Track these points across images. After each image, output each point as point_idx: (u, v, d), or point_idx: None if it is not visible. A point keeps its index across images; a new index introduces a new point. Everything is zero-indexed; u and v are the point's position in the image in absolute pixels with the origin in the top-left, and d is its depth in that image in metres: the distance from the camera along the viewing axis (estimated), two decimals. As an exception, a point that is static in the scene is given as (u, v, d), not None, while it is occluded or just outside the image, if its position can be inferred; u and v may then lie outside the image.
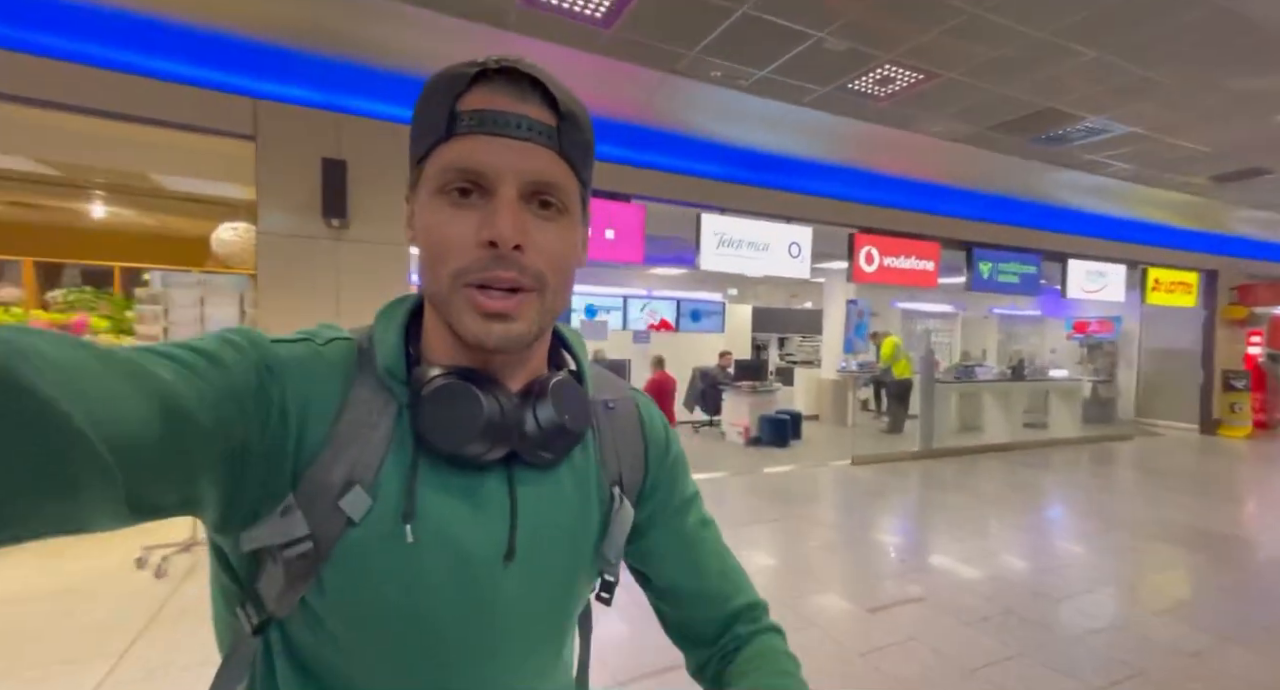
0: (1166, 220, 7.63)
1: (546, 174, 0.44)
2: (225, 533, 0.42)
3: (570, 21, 3.37)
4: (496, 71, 0.43)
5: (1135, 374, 9.79)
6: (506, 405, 0.45)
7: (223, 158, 3.96)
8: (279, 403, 0.42)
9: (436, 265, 0.43)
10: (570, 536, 0.51)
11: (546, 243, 0.44)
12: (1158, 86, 4.07)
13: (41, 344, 0.28)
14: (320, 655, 0.44)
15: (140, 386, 0.32)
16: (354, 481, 0.43)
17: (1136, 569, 3.45)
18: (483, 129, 0.42)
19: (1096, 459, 6.80)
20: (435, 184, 0.43)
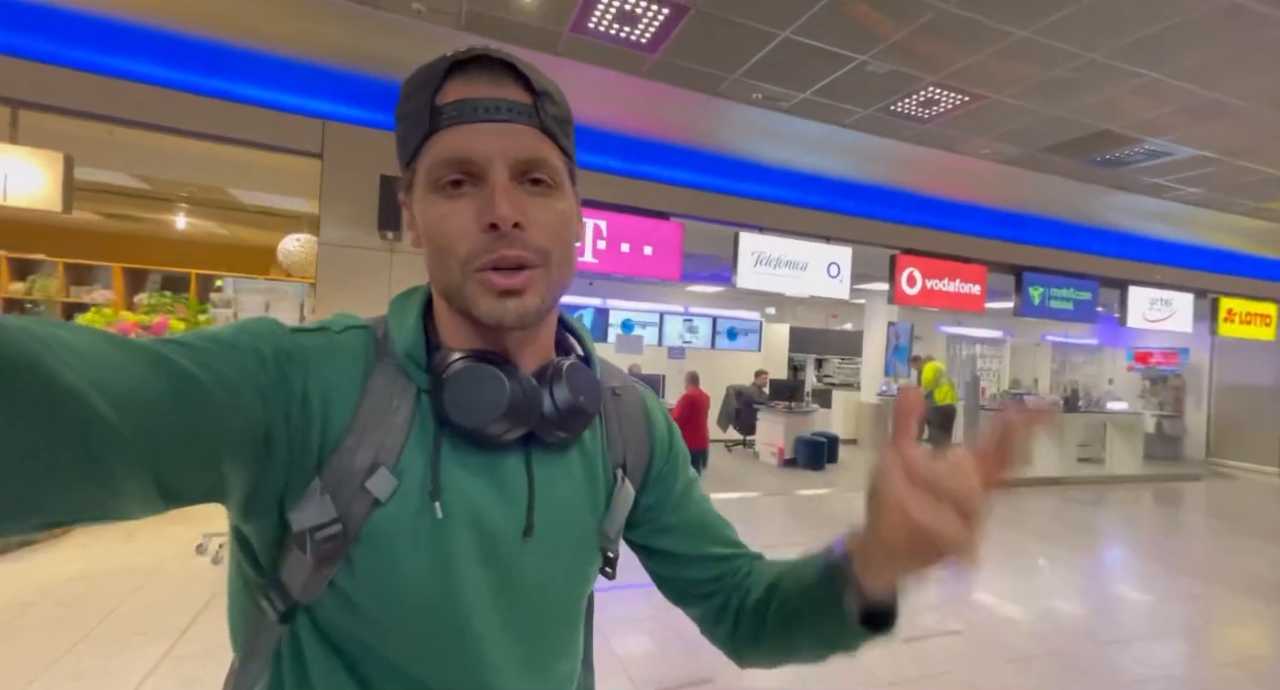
0: (1240, 247, 7.17)
1: (533, 151, 0.45)
2: (249, 519, 0.43)
3: (617, 47, 3.52)
4: (468, 61, 0.44)
5: (1206, 410, 9.13)
6: (526, 385, 0.47)
7: (291, 174, 4.28)
8: (300, 390, 0.42)
9: (444, 257, 0.45)
10: (579, 515, 0.53)
11: (543, 218, 0.46)
12: (1228, 108, 3.89)
13: (63, 334, 0.29)
14: (353, 634, 0.45)
15: (161, 373, 0.33)
16: (379, 464, 0.44)
17: (1201, 618, 3.20)
18: (464, 118, 0.43)
19: (1160, 499, 6.36)
20: (428, 180, 0.45)
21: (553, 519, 0.50)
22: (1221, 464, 8.73)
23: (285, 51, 3.58)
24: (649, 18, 3.19)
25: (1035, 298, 6.27)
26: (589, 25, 3.30)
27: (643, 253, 4.70)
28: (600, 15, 3.20)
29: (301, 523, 0.42)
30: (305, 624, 0.45)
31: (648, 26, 3.28)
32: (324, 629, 0.45)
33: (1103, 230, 6.57)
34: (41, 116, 3.29)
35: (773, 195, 5.21)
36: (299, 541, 0.42)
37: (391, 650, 0.45)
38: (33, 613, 2.54)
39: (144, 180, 4.93)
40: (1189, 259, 7.16)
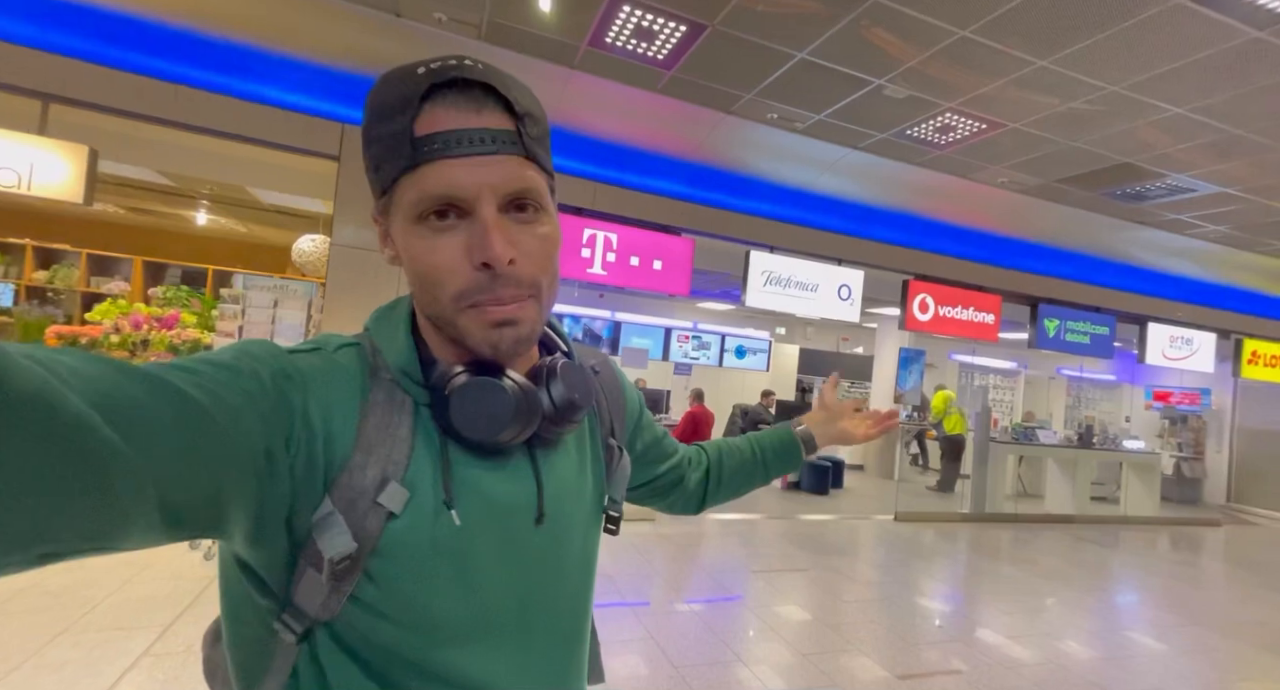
0: (1266, 288, 7.02)
1: (520, 181, 0.45)
2: (257, 546, 0.42)
3: (634, 62, 3.55)
4: (445, 85, 0.42)
5: (1228, 454, 8.85)
6: (527, 391, 0.48)
7: (309, 175, 4.35)
8: (301, 411, 0.42)
9: (434, 289, 0.45)
10: (580, 491, 0.56)
11: (533, 247, 0.46)
12: (1250, 145, 3.83)
13: (67, 359, 0.29)
14: (379, 643, 0.45)
15: (163, 399, 0.33)
16: (388, 478, 0.44)
17: (1217, 671, 3.04)
18: (447, 152, 0.42)
19: (1177, 543, 6.13)
20: (412, 212, 0.44)
21: (560, 502, 0.53)
22: (1243, 510, 8.43)
23: (307, 55, 3.67)
24: (666, 34, 3.23)
25: (1050, 330, 6.16)
26: (606, 40, 3.34)
27: (652, 267, 4.69)
28: (618, 30, 3.24)
29: (330, 550, 0.42)
30: (324, 640, 0.45)
31: (665, 43, 3.31)
32: (346, 642, 0.45)
33: (1122, 264, 6.47)
34: (70, 110, 3.38)
35: (785, 215, 5.20)
36: (313, 563, 0.42)
37: (421, 651, 0.46)
38: (19, 600, 2.52)
39: (166, 176, 5.04)
40: (1212, 298, 7.01)
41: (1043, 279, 6.24)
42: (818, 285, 5.23)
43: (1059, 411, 10.13)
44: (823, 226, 5.34)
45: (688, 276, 4.82)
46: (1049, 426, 8.36)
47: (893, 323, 7.87)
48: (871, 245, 5.52)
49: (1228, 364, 7.18)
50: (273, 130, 3.77)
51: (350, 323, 3.90)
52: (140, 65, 3.46)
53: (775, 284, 5.07)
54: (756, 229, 5.09)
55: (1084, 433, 7.47)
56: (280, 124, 3.78)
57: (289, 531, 0.42)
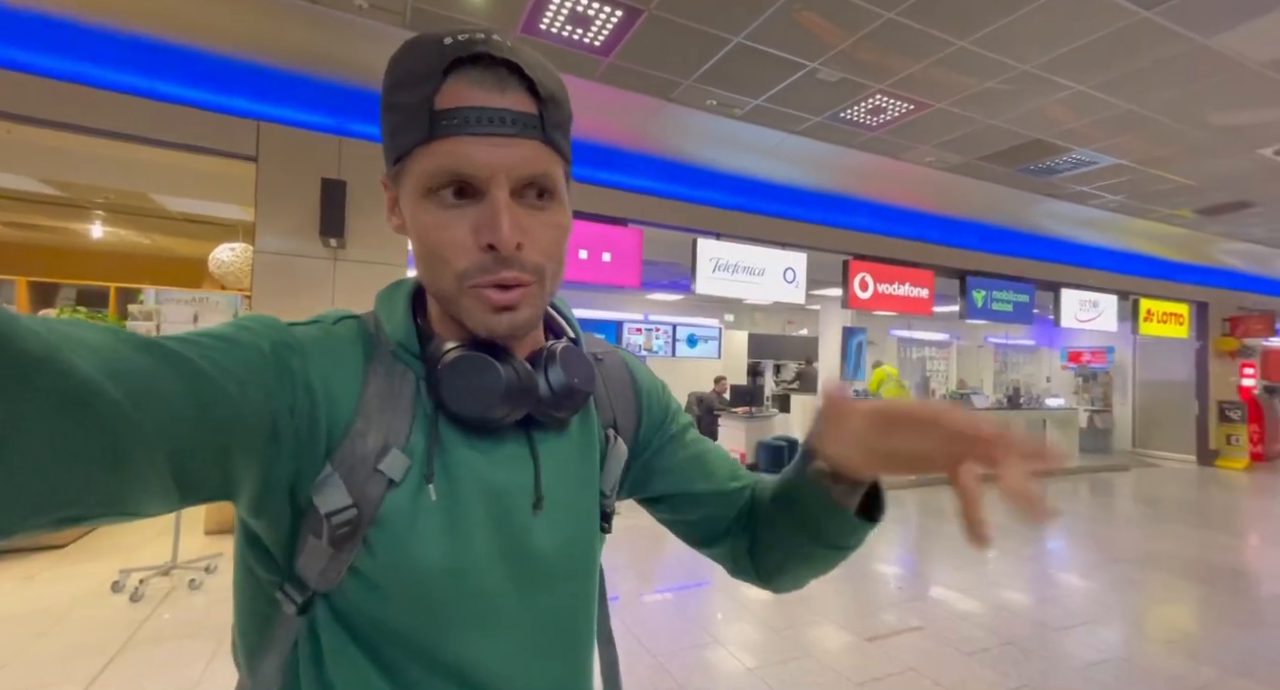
0: (1156, 252, 7.75)
1: (535, 166, 0.44)
2: (262, 514, 0.43)
3: (569, 49, 3.47)
4: (469, 59, 0.41)
5: (1131, 404, 9.78)
6: (521, 371, 0.47)
7: (223, 179, 4.02)
8: (303, 379, 0.43)
9: (438, 265, 0.45)
10: (581, 479, 0.55)
11: (541, 234, 0.45)
12: (1141, 120, 4.19)
13: (75, 330, 0.29)
14: (375, 618, 0.45)
15: (173, 369, 0.34)
16: (389, 445, 0.44)
17: (1139, 600, 3.36)
18: (466, 128, 0.41)
19: (1095, 489, 6.72)
20: (422, 185, 0.43)
21: (559, 490, 0.52)
22: (1146, 454, 9.35)
23: (217, 47, 3.37)
24: (602, 20, 3.17)
25: (979, 301, 6.57)
26: (540, 26, 3.24)
27: (601, 259, 4.65)
28: (552, 16, 3.15)
29: (326, 506, 0.42)
30: (324, 613, 0.45)
31: (601, 28, 3.25)
32: (343, 616, 0.45)
33: (1037, 236, 6.97)
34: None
35: (729, 202, 5.27)
36: (314, 529, 0.43)
37: (415, 630, 0.45)
38: (-91, 671, 2.22)
39: (53, 185, 4.53)
40: (1113, 263, 7.68)
41: (970, 253, 6.64)
42: (764, 270, 5.34)
43: (989, 377, 10.86)
44: (766, 212, 5.45)
45: (637, 267, 4.80)
46: (981, 392, 8.96)
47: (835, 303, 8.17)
48: (813, 228, 5.69)
49: (1128, 323, 7.91)
50: (179, 130, 3.45)
51: (283, 334, 3.65)
52: (17, 61, 3.07)
53: (723, 270, 5.13)
54: (703, 216, 5.14)
55: (1012, 395, 8.05)
56: (188, 123, 3.46)
57: (292, 500, 0.43)
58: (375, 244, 3.94)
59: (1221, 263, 8.39)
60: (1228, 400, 8.61)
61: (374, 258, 3.94)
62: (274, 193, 3.68)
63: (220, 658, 2.36)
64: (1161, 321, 8.07)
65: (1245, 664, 2.58)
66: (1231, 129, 4.30)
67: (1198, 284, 8.52)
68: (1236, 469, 8.26)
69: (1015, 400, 7.88)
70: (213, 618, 2.71)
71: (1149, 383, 9.64)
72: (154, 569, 3.08)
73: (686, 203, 5.06)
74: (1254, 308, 9.04)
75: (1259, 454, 8.73)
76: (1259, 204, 5.98)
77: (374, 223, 3.93)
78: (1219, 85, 3.67)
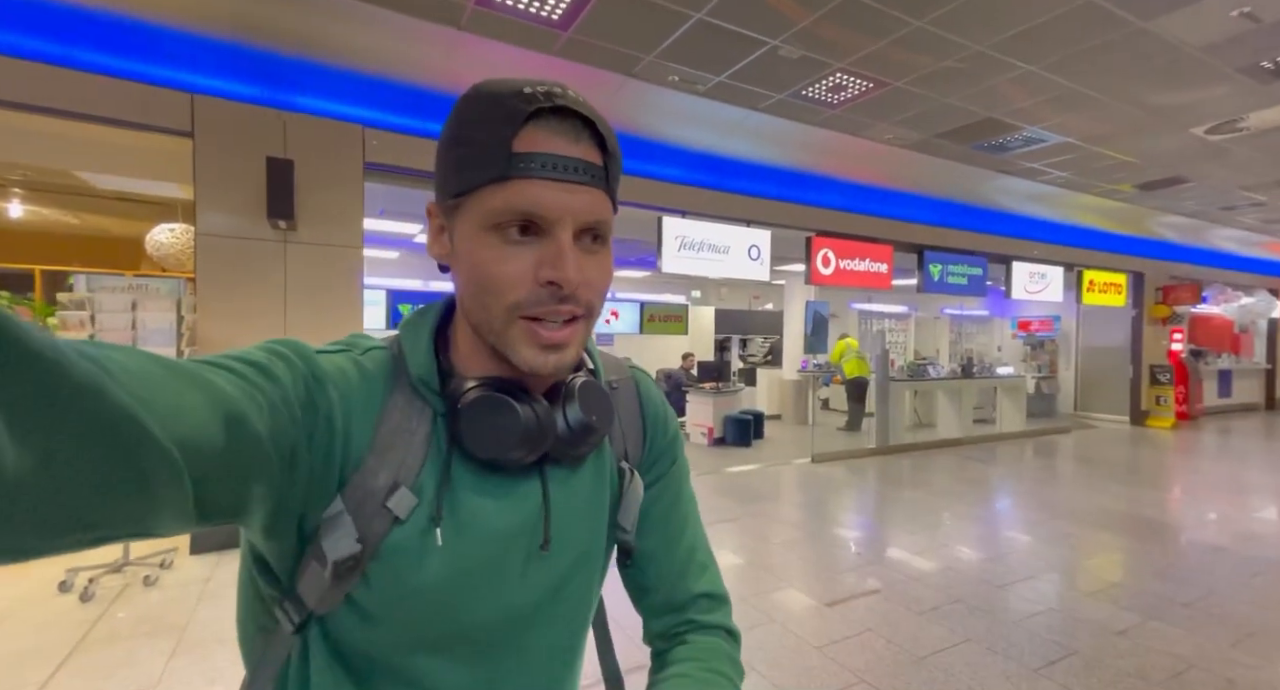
0: (1099, 225, 8.12)
1: (598, 214, 0.46)
2: (270, 538, 0.44)
3: (526, 23, 3.34)
4: (550, 110, 0.44)
5: (1074, 370, 10.37)
6: (540, 412, 0.48)
7: (157, 155, 3.75)
8: (325, 412, 0.44)
9: (488, 298, 0.46)
10: (592, 516, 0.55)
11: (595, 277, 0.48)
12: (1085, 99, 4.33)
13: (118, 355, 0.30)
14: (364, 646, 0.46)
15: (204, 395, 0.34)
16: (399, 483, 0.45)
17: (1073, 554, 3.64)
18: (543, 173, 0.43)
19: (1039, 451, 7.16)
20: (489, 221, 0.45)
21: (568, 528, 0.52)
22: (1086, 416, 9.98)
23: (148, 15, 3.10)
24: (558, -9, 3.05)
25: (935, 274, 6.78)
26: (494, -3, 3.10)
27: (565, 238, 4.57)
28: (506, -14, 3.02)
29: (335, 553, 0.43)
30: (316, 635, 0.46)
31: (559, 1, 3.13)
32: (335, 640, 0.46)
33: (990, 210, 7.20)
34: None
35: (694, 179, 5.24)
36: (318, 557, 0.44)
37: (401, 659, 0.47)
38: None
39: (-38, 161, 4.15)
40: (1059, 236, 8.02)
41: (927, 228, 6.81)
42: (729, 247, 5.37)
43: (944, 348, 11.30)
44: (731, 189, 5.44)
45: (602, 246, 4.76)
46: (936, 362, 9.33)
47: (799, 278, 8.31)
48: (776, 205, 5.73)
49: (1073, 292, 8.32)
50: (100, 103, 3.19)
51: (232, 320, 3.50)
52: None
53: (689, 248, 5.14)
54: (667, 194, 5.10)
55: (965, 365, 8.41)
56: (111, 95, 3.21)
57: (300, 527, 0.44)
58: (328, 225, 3.78)
59: (1157, 234, 8.87)
60: (1158, 364, 9.22)
61: (327, 239, 3.78)
62: (214, 171, 3.47)
63: (180, 655, 2.32)
64: (1103, 291, 8.52)
65: (1161, 608, 2.84)
66: (1167, 109, 4.49)
67: (1135, 255, 9.00)
68: (1164, 428, 8.91)
69: (969, 369, 8.25)
70: (170, 614, 2.66)
71: (1090, 349, 10.22)
72: (104, 566, 2.98)
73: (651, 180, 5.01)
74: (1184, 277, 9.63)
75: (1184, 413, 9.43)
76: (1191, 179, 6.31)
77: (326, 202, 3.76)
78: (1156, 67, 3.82)
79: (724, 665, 0.56)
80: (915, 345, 11.28)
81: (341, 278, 3.84)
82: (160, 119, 3.33)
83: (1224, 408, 10.91)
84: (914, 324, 11.49)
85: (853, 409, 8.19)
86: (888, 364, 7.29)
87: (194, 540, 3.44)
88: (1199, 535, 4.00)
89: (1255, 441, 8.08)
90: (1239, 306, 10.67)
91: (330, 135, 3.77)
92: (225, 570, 3.18)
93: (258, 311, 3.57)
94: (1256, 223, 8.49)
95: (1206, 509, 4.67)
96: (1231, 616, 2.76)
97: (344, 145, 3.81)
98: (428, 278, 9.20)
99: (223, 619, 2.62)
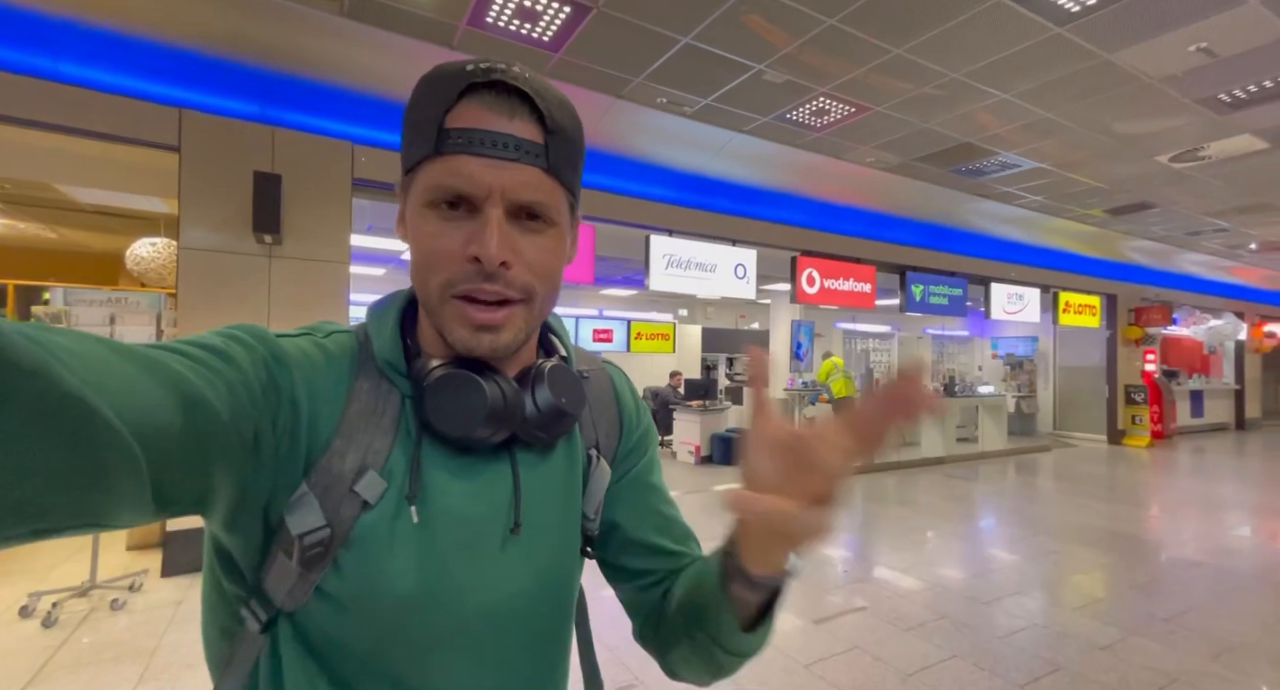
0: (1072, 248, 8.38)
1: (532, 193, 0.44)
2: (234, 529, 0.43)
3: (518, 44, 3.41)
4: (485, 85, 0.43)
5: (1052, 390, 10.57)
6: (508, 390, 0.47)
7: (141, 169, 3.73)
8: (289, 394, 0.43)
9: (426, 274, 0.45)
10: (564, 501, 0.54)
11: (534, 255, 0.46)
12: (1056, 127, 4.51)
13: (63, 339, 0.29)
14: (338, 639, 0.45)
15: (159, 380, 0.33)
16: (367, 467, 0.44)
17: (1056, 571, 3.67)
18: (469, 148, 0.42)
19: (1021, 469, 7.25)
20: (424, 197, 0.44)
21: (540, 512, 0.51)
22: (1065, 435, 10.14)
23: (138, 30, 3.11)
24: (550, 15, 3.13)
25: (917, 294, 6.91)
26: (487, 19, 3.17)
27: (553, 256, 4.60)
28: (499, 10, 3.09)
29: (298, 527, 0.42)
30: (286, 632, 0.44)
31: (550, 24, 3.21)
32: (306, 636, 0.44)
33: (969, 233, 7.40)
34: None
35: (681, 199, 5.33)
36: (285, 547, 0.42)
37: (378, 653, 0.45)
38: None
39: (-61, 172, 4.08)
40: (1035, 258, 8.25)
41: (908, 249, 6.97)
42: (716, 266, 5.44)
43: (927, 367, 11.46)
44: (717, 209, 5.54)
45: (590, 263, 4.80)
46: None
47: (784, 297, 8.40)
48: (762, 225, 5.83)
49: (1049, 314, 8.52)
50: (86, 116, 3.18)
51: (213, 335, 3.44)
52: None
53: (676, 267, 5.20)
54: (655, 213, 5.17)
55: (948, 383, 8.53)
56: (99, 109, 3.19)
57: (265, 517, 0.43)
58: (314, 240, 3.76)
59: (1128, 258, 9.16)
60: (1133, 384, 9.44)
61: (313, 254, 3.76)
62: (200, 186, 3.45)
63: (147, 681, 2.23)
64: (1077, 312, 8.74)
65: (1142, 624, 2.87)
66: (1132, 137, 4.69)
67: (1108, 278, 9.28)
68: (1140, 447, 9.08)
69: (951, 388, 8.36)
70: (139, 639, 2.55)
71: (1067, 369, 10.44)
72: (70, 590, 2.87)
73: (640, 199, 5.08)
74: (1155, 299, 9.93)
75: (1158, 432, 9.62)
76: (1158, 205, 6.56)
77: (313, 217, 3.74)
78: (1121, 97, 4.01)
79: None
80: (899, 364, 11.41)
81: (327, 293, 3.80)
82: (148, 133, 3.32)
83: (1196, 427, 11.16)
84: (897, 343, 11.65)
85: (838, 427, 8.22)
86: (873, 383, 7.36)
87: (165, 562, 3.33)
88: (1177, 551, 4.06)
89: (1228, 460, 8.26)
90: (1207, 329, 11.02)
91: (319, 151, 3.78)
92: (197, 593, 3.07)
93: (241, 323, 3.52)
94: (1221, 248, 8.82)
95: (1184, 526, 4.75)
96: (1210, 631, 2.79)
97: (333, 161, 3.82)
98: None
99: (193, 643, 2.52)
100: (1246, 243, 8.47)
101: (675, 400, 7.92)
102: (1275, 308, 12.72)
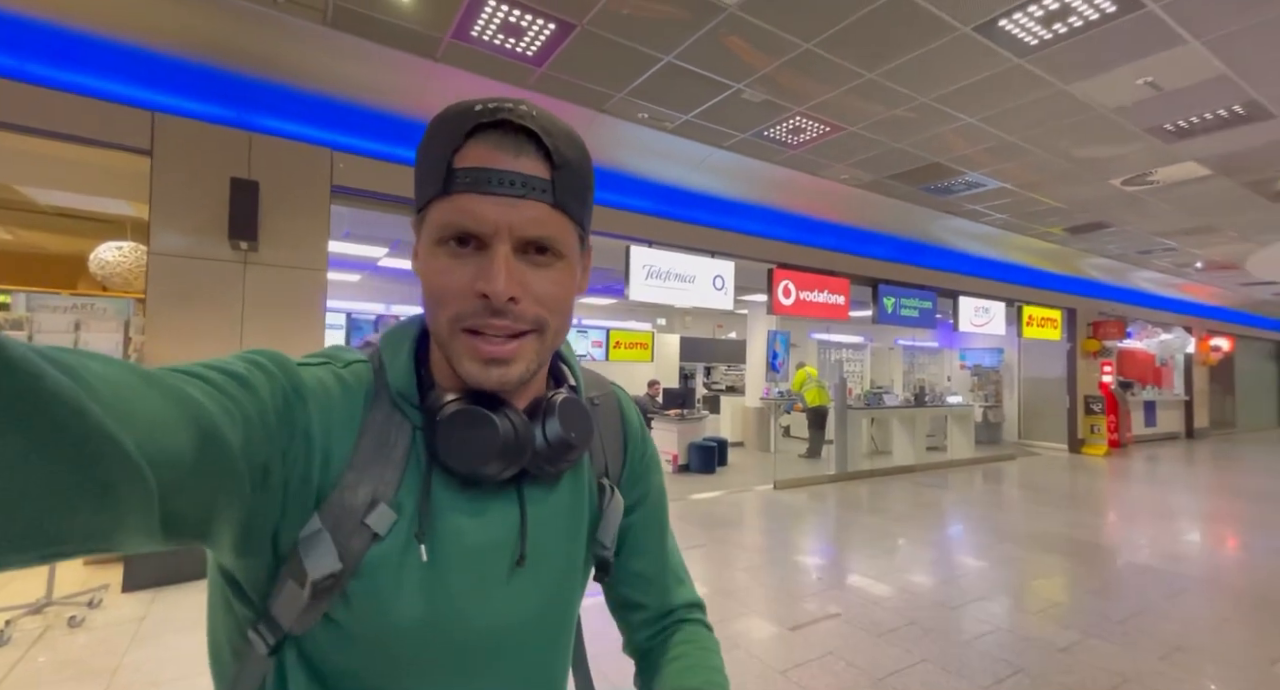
0: (1035, 264, 8.73)
1: (540, 228, 0.45)
2: (242, 557, 0.43)
3: (501, 57, 3.45)
4: (491, 124, 0.44)
5: (1017, 400, 10.94)
6: (519, 425, 0.48)
7: (109, 171, 3.64)
8: (304, 427, 0.43)
9: (436, 309, 0.46)
10: (570, 533, 0.55)
11: (543, 289, 0.46)
12: (1018, 149, 4.74)
13: (91, 363, 0.29)
14: (343, 665, 0.45)
15: (180, 409, 0.33)
16: (378, 499, 0.45)
17: (1019, 576, 3.80)
18: (477, 187, 0.43)
19: (987, 477, 7.48)
20: (434, 235, 0.45)
21: (545, 542, 0.52)
22: (1029, 444, 10.50)
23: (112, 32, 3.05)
24: (535, 31, 3.18)
25: (889, 307, 7.12)
26: (472, 33, 3.21)
27: (534, 265, 4.61)
28: (484, 24, 3.12)
29: (316, 571, 0.42)
30: (293, 656, 0.45)
31: (534, 39, 3.26)
32: (312, 661, 0.45)
33: (939, 248, 7.65)
34: None
35: (661, 211, 5.41)
36: (295, 575, 0.42)
37: (386, 683, 0.46)
38: None
39: (-111, 169, 3.90)
40: (1001, 273, 8.57)
41: (881, 263, 7.18)
42: (694, 277, 5.52)
43: (899, 377, 11.76)
44: (697, 221, 5.63)
45: (571, 273, 4.81)
46: (892, 390, 9.68)
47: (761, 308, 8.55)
48: (740, 237, 5.94)
49: (1014, 326, 8.85)
50: (60, 119, 3.10)
51: (184, 341, 3.36)
52: None
53: (656, 277, 5.26)
54: (636, 225, 5.23)
55: (918, 393, 8.76)
56: (71, 111, 3.11)
57: (274, 545, 0.43)
58: (291, 247, 3.71)
59: (1087, 274, 9.59)
60: (1091, 395, 9.84)
61: (289, 261, 3.71)
62: (173, 190, 3.38)
63: (113, 701, 2.15)
64: (1040, 326, 9.10)
65: (1098, 626, 3.00)
66: (1088, 161, 4.95)
67: (1069, 292, 9.69)
68: (1098, 455, 9.45)
69: (921, 398, 8.59)
70: (99, 658, 2.46)
71: (1030, 380, 10.82)
72: (23, 607, 2.75)
73: (621, 211, 5.14)
74: (1111, 314, 10.40)
75: (1115, 441, 10.03)
76: (1113, 225, 6.90)
77: (290, 224, 3.70)
78: (1077, 124, 4.24)
79: (712, 646, 0.64)
80: (871, 374, 11.69)
81: (303, 300, 3.75)
82: (119, 136, 3.24)
83: (1150, 436, 11.67)
84: (870, 354, 11.93)
85: (813, 436, 8.38)
86: (845, 393, 7.53)
87: (127, 576, 3.21)
88: (1130, 556, 4.25)
89: (1179, 467, 8.67)
90: (1159, 342, 11.58)
91: (298, 158, 3.74)
92: (161, 608, 2.98)
93: (211, 332, 3.45)
94: (1170, 266, 9.31)
95: (1137, 532, 4.97)
96: (1160, 632, 2.93)
97: (312, 168, 3.79)
98: (389, 301, 9.03)
99: (157, 661, 2.44)
100: (1193, 261, 8.96)
101: (653, 409, 7.96)
102: (1221, 323, 13.44)
